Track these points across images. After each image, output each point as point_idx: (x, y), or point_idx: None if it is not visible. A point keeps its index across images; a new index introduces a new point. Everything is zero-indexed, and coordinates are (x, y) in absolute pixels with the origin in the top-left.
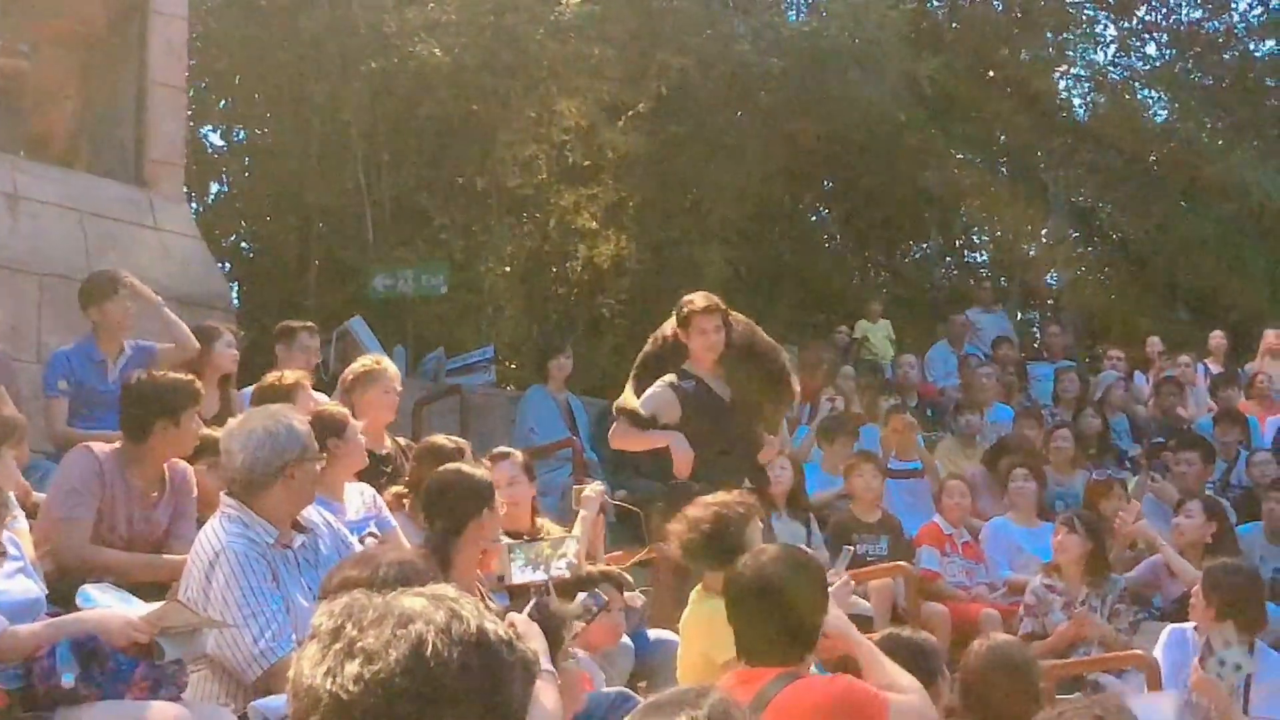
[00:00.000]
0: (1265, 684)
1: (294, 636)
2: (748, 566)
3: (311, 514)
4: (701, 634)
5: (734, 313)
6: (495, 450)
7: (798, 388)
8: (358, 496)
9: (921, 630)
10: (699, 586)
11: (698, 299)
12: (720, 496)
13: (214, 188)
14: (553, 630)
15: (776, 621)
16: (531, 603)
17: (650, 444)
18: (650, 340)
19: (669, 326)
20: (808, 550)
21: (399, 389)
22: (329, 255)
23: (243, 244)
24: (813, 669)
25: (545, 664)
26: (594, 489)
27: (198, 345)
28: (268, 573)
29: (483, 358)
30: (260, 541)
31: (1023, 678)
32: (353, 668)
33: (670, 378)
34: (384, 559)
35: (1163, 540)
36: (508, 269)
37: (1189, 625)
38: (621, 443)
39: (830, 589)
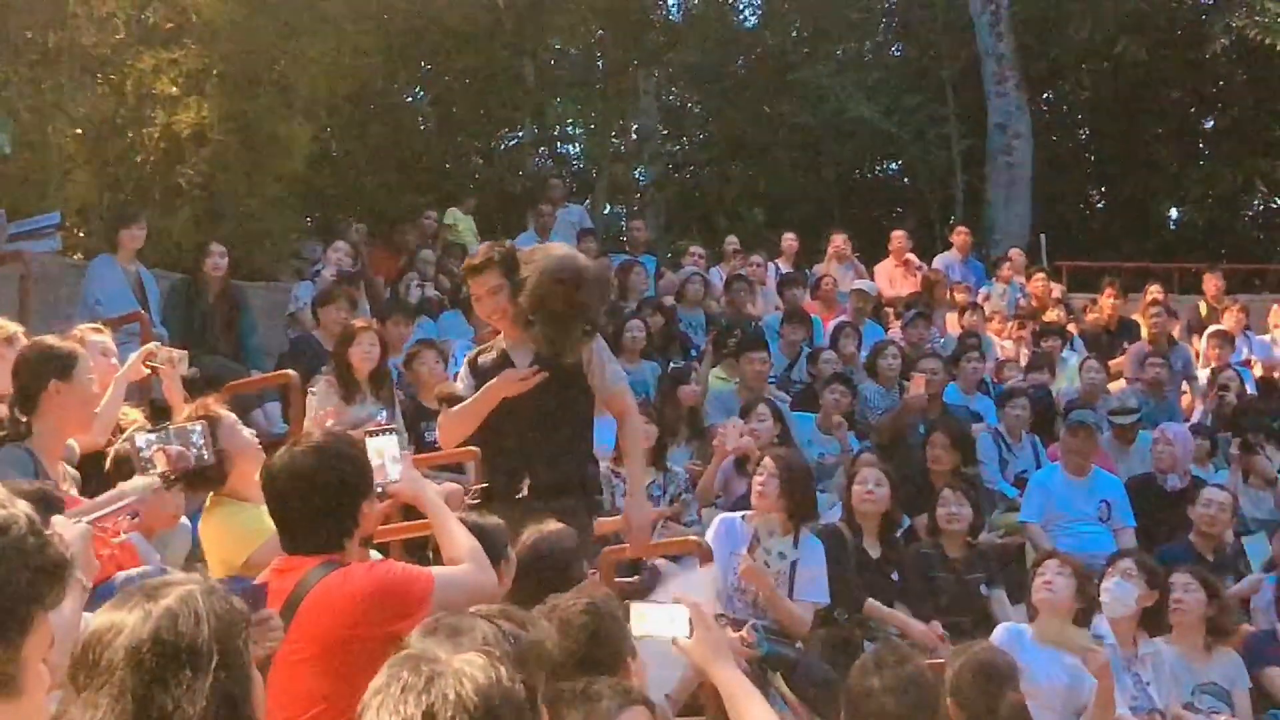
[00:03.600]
0: (807, 570)
1: None
2: (281, 457)
3: None
4: (217, 542)
5: (529, 251)
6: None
7: (588, 298)
8: None
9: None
10: (211, 494)
11: (472, 257)
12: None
13: None
14: None
15: (312, 510)
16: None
17: (478, 413)
18: None
19: None
20: (347, 436)
21: None
22: None
23: None
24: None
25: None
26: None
27: None
28: None
29: (48, 223)
30: None
31: (562, 565)
32: None
33: (478, 350)
34: None
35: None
36: (79, 131)
37: (738, 515)
38: (448, 433)
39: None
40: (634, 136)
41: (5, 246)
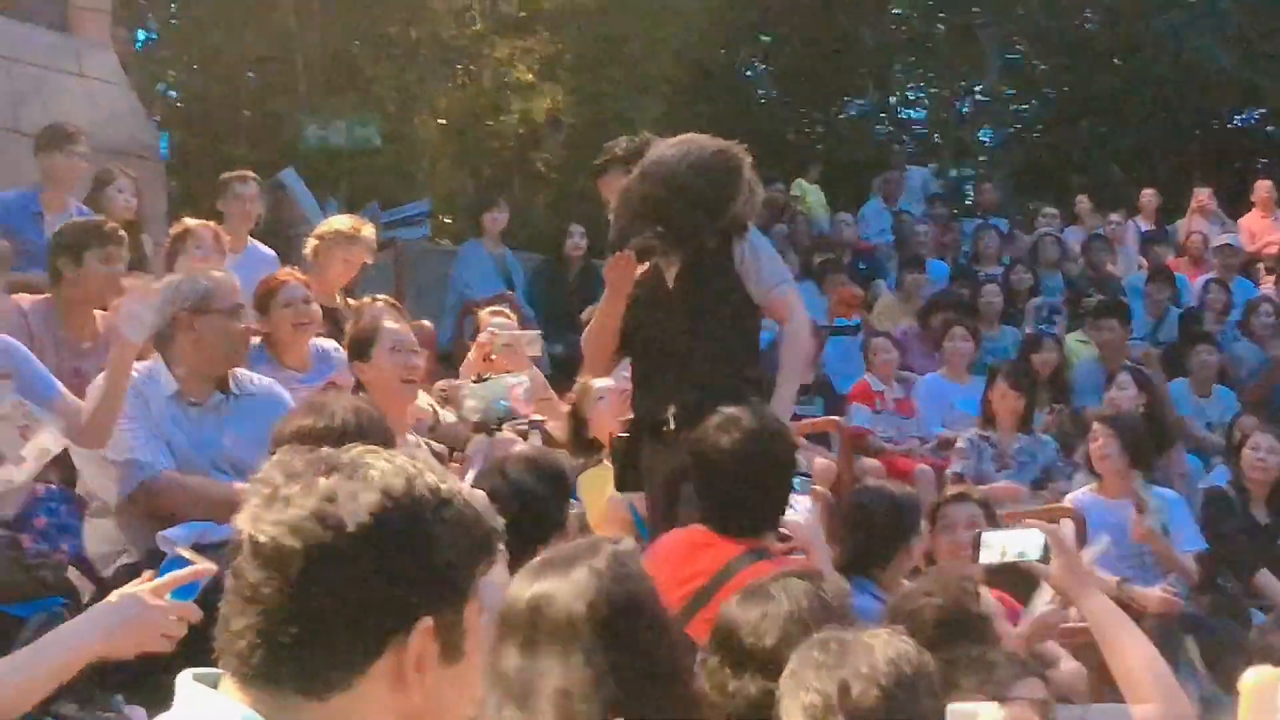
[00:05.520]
0: (1178, 522)
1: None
2: (714, 435)
3: (258, 384)
4: (590, 506)
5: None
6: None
7: (675, 204)
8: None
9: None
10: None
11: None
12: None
13: (141, 35)
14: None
15: (743, 493)
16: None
17: (602, 324)
18: None
19: None
20: (773, 416)
21: (367, 260)
22: (259, 105)
23: (170, 93)
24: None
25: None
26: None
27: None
28: (145, 406)
29: (417, 211)
30: (158, 392)
31: None
32: (273, 513)
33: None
34: (337, 406)
35: None
36: (442, 122)
37: (1082, 492)
38: (585, 353)
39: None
40: (979, 97)
41: (380, 234)
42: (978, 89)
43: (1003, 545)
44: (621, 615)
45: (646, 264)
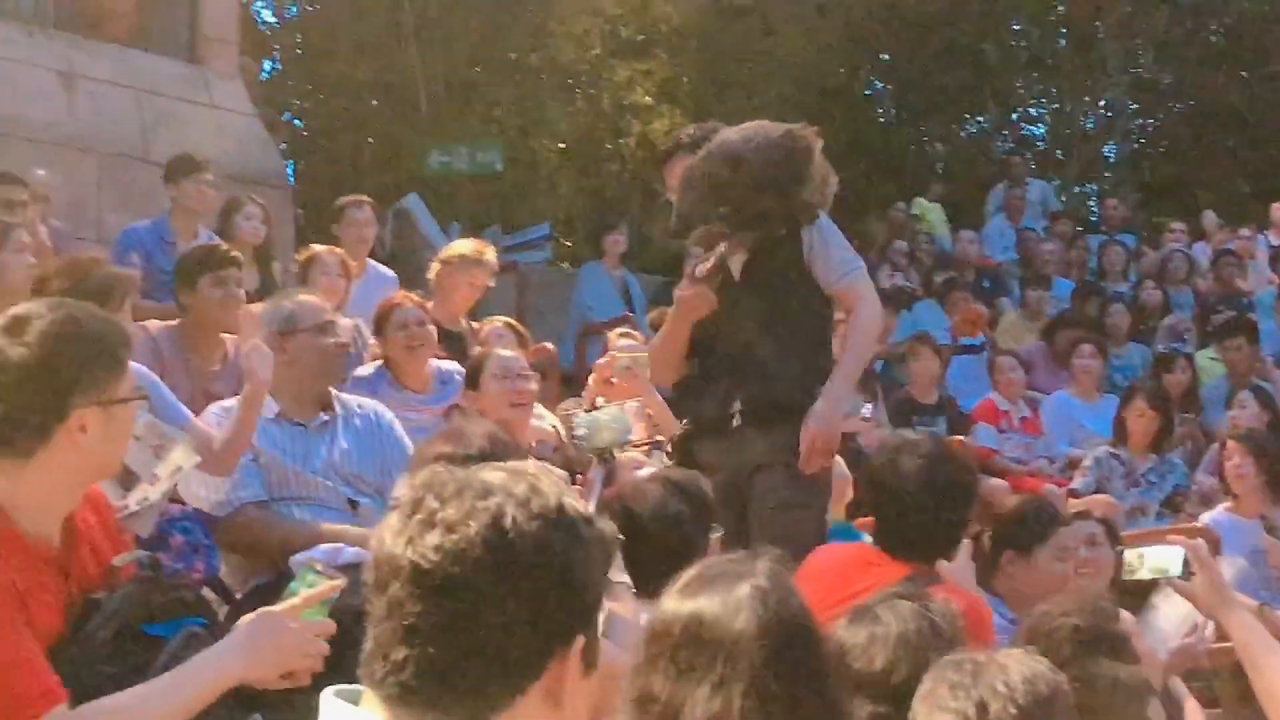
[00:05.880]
0: None
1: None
2: (889, 455)
3: (363, 405)
4: None
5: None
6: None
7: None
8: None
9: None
10: None
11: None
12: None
13: (266, 65)
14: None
15: (917, 516)
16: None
17: (670, 334)
18: None
19: None
20: (952, 443)
21: (490, 284)
22: (383, 133)
23: (295, 121)
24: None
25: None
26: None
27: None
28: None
29: (539, 235)
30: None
31: None
32: (433, 537)
33: (696, 262)
34: (473, 433)
35: None
36: (562, 145)
37: (1217, 512)
38: (653, 366)
39: None
40: (1103, 112)
41: (501, 258)
42: (1101, 104)
43: (1144, 562)
44: (789, 636)
45: (713, 260)
